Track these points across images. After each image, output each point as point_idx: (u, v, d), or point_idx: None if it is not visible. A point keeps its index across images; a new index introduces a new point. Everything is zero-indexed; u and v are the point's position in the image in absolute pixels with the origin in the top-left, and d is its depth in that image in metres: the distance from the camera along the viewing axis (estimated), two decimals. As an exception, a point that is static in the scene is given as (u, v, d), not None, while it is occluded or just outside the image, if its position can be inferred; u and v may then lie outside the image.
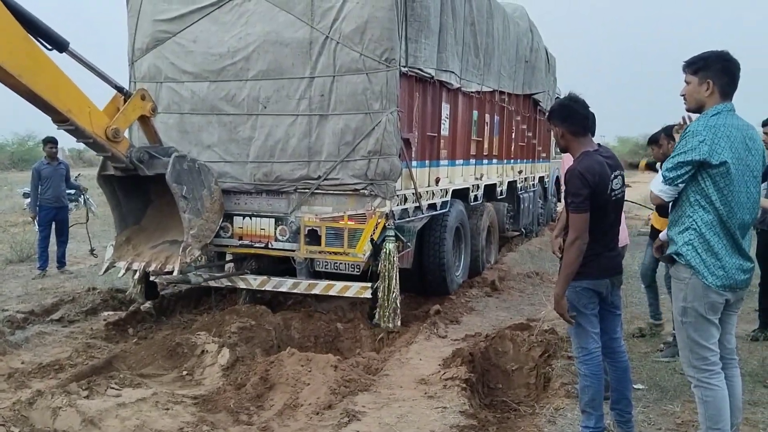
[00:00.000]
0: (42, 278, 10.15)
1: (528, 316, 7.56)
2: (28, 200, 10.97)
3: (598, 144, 4.26)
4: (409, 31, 7.17)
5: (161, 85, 7.81)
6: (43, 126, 6.31)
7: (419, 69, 7.47)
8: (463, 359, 5.85)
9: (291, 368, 5.59)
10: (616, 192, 4.14)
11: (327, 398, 5.20)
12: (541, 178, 15.23)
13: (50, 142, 10.66)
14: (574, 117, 4.17)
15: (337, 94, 7.08)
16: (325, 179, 7.17)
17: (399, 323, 7.08)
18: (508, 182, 11.93)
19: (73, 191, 10.98)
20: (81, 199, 11.38)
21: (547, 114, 4.94)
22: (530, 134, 13.30)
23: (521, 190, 12.99)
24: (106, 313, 7.95)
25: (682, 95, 3.82)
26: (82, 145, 6.85)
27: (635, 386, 5.02)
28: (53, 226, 10.66)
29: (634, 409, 4.46)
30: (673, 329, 6.21)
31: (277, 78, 7.28)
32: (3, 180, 31.21)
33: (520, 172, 12.78)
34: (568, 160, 4.52)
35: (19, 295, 8.93)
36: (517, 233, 13.09)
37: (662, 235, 5.71)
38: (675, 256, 3.77)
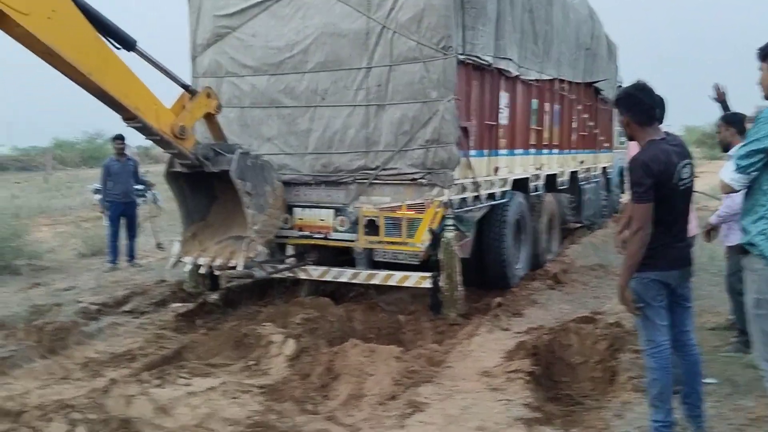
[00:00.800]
0: (113, 271, 10.38)
1: (592, 309, 7.39)
2: (98, 196, 11.29)
3: (666, 132, 4.13)
4: (466, 18, 7.10)
5: (222, 79, 7.92)
6: (112, 124, 6.51)
7: (477, 56, 7.39)
8: (527, 352, 5.80)
9: (355, 359, 5.64)
10: (685, 181, 4.02)
11: (390, 389, 5.24)
12: (604, 169, 14.91)
13: (118, 138, 10.90)
14: (640, 106, 4.06)
15: (394, 84, 7.07)
16: (383, 169, 7.18)
17: (463, 311, 7.03)
18: (570, 173, 11.72)
19: (141, 187, 11.27)
20: (149, 195, 11.64)
21: (613, 102, 4.81)
22: (592, 123, 13.01)
23: (583, 181, 12.74)
24: (175, 305, 8.09)
25: (759, 84, 3.68)
26: (149, 142, 7.01)
27: (706, 380, 4.80)
28: (122, 220, 10.91)
29: (705, 404, 4.31)
30: (735, 323, 6.03)
31: (335, 69, 7.31)
32: (74, 177, 32.18)
33: (581, 162, 12.53)
34: (633, 148, 4.42)
35: (92, 287, 9.17)
36: (580, 225, 12.85)
37: (712, 219, 5.49)
38: (748, 247, 3.62)
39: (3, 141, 49.00)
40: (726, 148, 5.75)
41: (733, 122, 5.77)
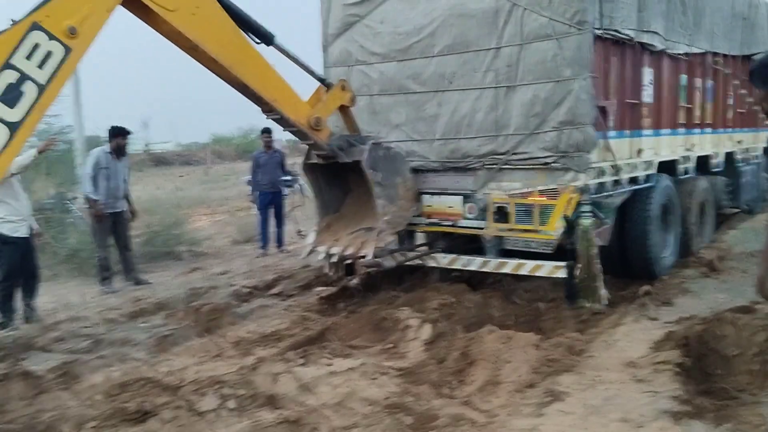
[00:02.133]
0: (263, 257, 11.02)
1: (752, 298, 6.73)
2: (249, 187, 11.95)
3: None
4: (604, -10, 6.64)
5: (352, 68, 7.92)
6: (263, 120, 6.75)
7: (616, 31, 6.91)
8: (677, 342, 5.46)
9: (491, 345, 5.64)
10: None
11: (528, 377, 5.18)
12: (766, 149, 13.67)
13: (266, 132, 11.44)
14: None
15: (524, 64, 6.73)
16: (513, 153, 6.87)
17: (606, 303, 6.65)
18: (725, 153, 10.77)
19: (288, 177, 11.75)
20: (295, 185, 12.13)
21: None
22: (751, 100, 11.90)
23: (741, 162, 11.69)
24: (319, 289, 8.43)
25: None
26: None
27: None
28: (271, 210, 11.43)
29: None
30: None
31: (463, 52, 7.08)
32: (230, 170, 34.13)
33: (739, 142, 11.51)
34: None
35: (245, 271, 9.81)
36: (737, 210, 11.84)
37: None
38: None
39: (168, 138, 52.50)
40: None
41: None
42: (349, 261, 7.84)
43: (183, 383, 5.20)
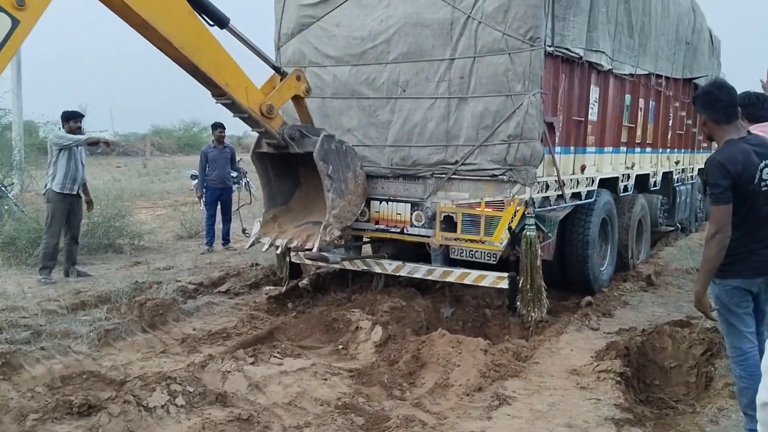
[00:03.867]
0: (209, 253, 10.94)
1: (688, 313, 7.09)
2: (195, 182, 11.78)
3: (748, 131, 3.98)
4: (556, 8, 6.79)
5: (305, 69, 7.86)
6: (208, 113, 6.65)
7: (566, 49, 7.07)
8: (618, 352, 5.69)
9: (442, 349, 5.78)
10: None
11: (477, 381, 5.32)
12: (701, 170, 14.19)
13: (219, 127, 11.38)
14: (717, 104, 3.99)
15: (477, 76, 6.82)
16: (462, 164, 6.96)
17: (544, 313, 6.79)
18: (663, 173, 11.16)
19: (236, 174, 11.66)
20: (242, 182, 12.04)
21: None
22: (690, 122, 12.34)
23: (678, 182, 12.13)
24: (267, 288, 8.45)
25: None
26: (241, 132, 7.22)
27: None
28: (218, 206, 11.35)
29: None
30: None
31: (417, 60, 7.13)
32: (171, 163, 33.68)
33: (677, 162, 11.93)
34: None
35: (189, 267, 9.75)
36: (673, 228, 12.25)
37: None
38: None
39: (105, 126, 51.19)
40: None
41: None
42: (294, 260, 7.88)
43: (128, 378, 5.18)
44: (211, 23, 6.16)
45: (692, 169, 13.30)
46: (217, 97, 6.36)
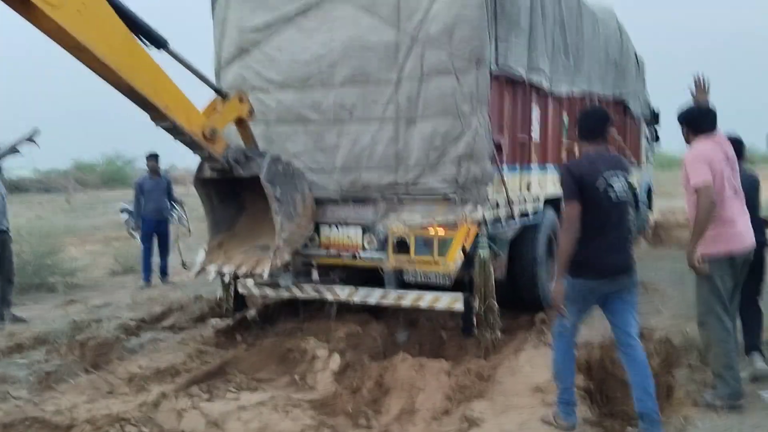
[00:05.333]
0: (147, 289, 10.55)
1: (641, 324, 7.19)
2: (125, 216, 11.39)
3: (607, 148, 4.76)
4: (499, 29, 6.87)
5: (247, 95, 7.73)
6: (131, 146, 6.41)
7: (510, 69, 7.16)
8: (579, 367, 5.65)
9: (404, 373, 5.72)
10: (616, 192, 4.45)
11: (443, 404, 5.27)
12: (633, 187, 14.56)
13: (153, 157, 10.98)
14: (582, 123, 4.81)
15: (424, 98, 6.82)
16: (413, 185, 6.93)
17: (498, 335, 6.75)
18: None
19: (174, 205, 11.36)
20: (175, 215, 11.70)
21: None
22: (620, 139, 12.71)
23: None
24: (214, 320, 8.18)
25: None
26: (170, 162, 6.97)
27: (764, 394, 5.01)
28: (155, 238, 10.96)
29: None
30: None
31: (363, 83, 7.09)
32: (96, 198, 32.79)
33: (611, 179, 12.20)
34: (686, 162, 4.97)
35: (128, 304, 9.39)
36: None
37: None
38: None
39: (24, 164, 49.34)
40: None
41: None
42: (241, 291, 7.68)
43: (76, 422, 4.91)
44: (149, 44, 5.98)
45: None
46: (157, 120, 6.11)
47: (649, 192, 16.09)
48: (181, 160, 33.98)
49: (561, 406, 4.68)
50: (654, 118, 15.73)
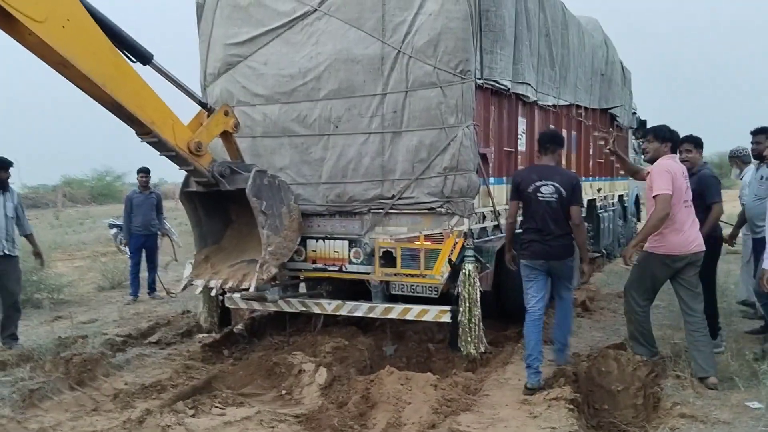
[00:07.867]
0: (134, 304, 10.51)
1: (625, 335, 7.18)
2: (113, 231, 11.34)
3: (555, 164, 6.23)
4: (484, 41, 6.91)
5: (233, 109, 7.71)
6: (120, 162, 6.35)
7: (495, 81, 7.19)
8: (567, 379, 5.73)
9: (391, 387, 5.65)
10: (545, 196, 5.93)
11: (430, 417, 5.21)
12: (621, 197, 14.63)
13: (143, 171, 10.98)
14: (540, 140, 6.36)
15: (410, 110, 6.83)
16: (399, 198, 6.91)
17: (483, 348, 6.70)
18: (587, 201, 11.44)
19: (163, 220, 11.34)
20: (167, 226, 11.66)
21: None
22: (607, 150, 12.75)
23: (600, 209, 12.45)
24: (201, 335, 8.13)
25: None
26: (159, 177, 6.90)
27: (751, 405, 5.07)
28: (143, 253, 10.93)
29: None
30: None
31: (349, 96, 7.09)
32: (84, 214, 32.67)
33: (599, 190, 12.26)
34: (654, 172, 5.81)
35: (115, 319, 9.34)
36: (598, 254, 12.52)
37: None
38: None
39: (12, 179, 49.06)
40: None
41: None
42: (228, 305, 7.63)
43: (60, 440, 4.81)
44: (134, 59, 5.95)
45: (613, 195, 13.69)
46: (143, 135, 6.08)
47: (636, 201, 16.16)
48: (170, 175, 33.99)
49: (527, 369, 5.83)
50: (641, 128, 15.83)
